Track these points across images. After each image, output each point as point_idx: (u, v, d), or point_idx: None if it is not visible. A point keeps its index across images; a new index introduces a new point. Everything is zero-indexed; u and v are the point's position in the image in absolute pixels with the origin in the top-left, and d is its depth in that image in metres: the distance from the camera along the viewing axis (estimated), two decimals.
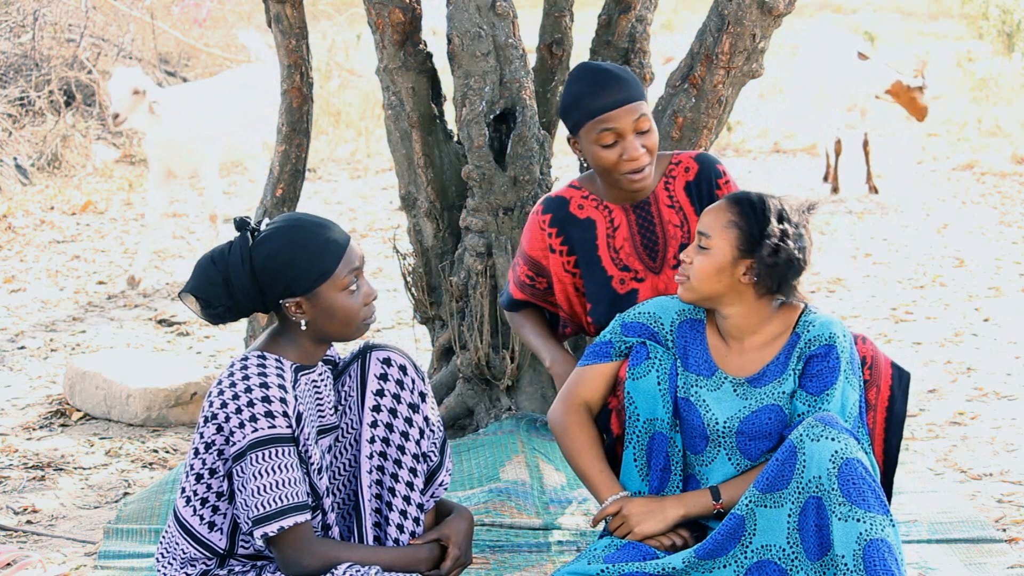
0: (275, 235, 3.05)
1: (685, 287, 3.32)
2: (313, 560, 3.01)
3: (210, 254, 3.08)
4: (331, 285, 3.05)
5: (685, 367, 3.36)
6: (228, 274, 3.04)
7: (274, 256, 3.03)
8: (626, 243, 3.73)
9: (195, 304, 3.08)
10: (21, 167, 10.31)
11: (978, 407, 5.35)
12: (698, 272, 3.29)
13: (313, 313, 3.06)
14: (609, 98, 3.59)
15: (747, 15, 4.55)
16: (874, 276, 7.63)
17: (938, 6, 20.62)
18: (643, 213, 3.74)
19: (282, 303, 3.05)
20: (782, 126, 12.49)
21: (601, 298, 3.74)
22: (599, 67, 3.64)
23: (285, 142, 5.30)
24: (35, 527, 4.31)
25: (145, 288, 7.65)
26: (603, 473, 3.37)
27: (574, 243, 3.75)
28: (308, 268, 3.03)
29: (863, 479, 3.09)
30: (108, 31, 12.26)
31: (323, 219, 3.10)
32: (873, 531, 3.06)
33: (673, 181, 3.75)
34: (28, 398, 5.73)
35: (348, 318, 3.08)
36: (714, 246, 3.27)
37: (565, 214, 3.77)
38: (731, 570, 3.16)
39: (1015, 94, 13.13)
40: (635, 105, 3.60)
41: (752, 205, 3.28)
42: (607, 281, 3.73)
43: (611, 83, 3.60)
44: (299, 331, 3.09)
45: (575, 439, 3.40)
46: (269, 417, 2.97)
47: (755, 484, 3.16)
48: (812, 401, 3.26)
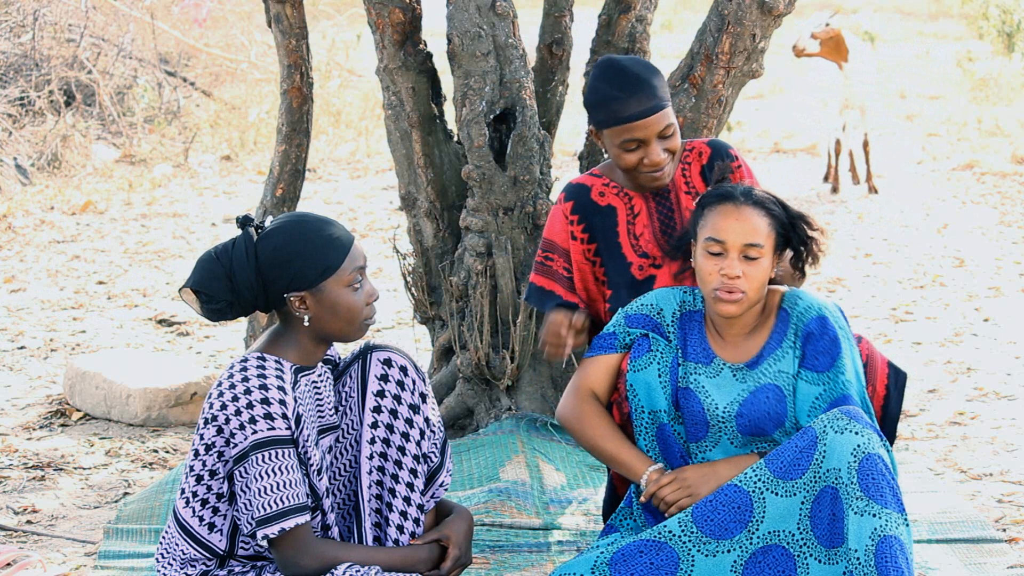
0: (281, 230, 3.06)
1: (741, 303, 3.29)
2: (312, 561, 3.01)
3: (213, 250, 3.08)
4: (336, 280, 3.06)
5: (685, 356, 3.38)
6: (232, 268, 3.04)
7: (280, 249, 3.04)
8: (646, 230, 3.76)
9: (194, 299, 3.07)
10: (21, 167, 10.31)
11: (978, 407, 5.35)
12: (755, 283, 3.29)
13: (316, 309, 3.06)
14: (637, 107, 3.60)
15: (747, 15, 4.55)
16: (874, 276, 7.63)
17: (938, 6, 20.63)
18: (663, 200, 3.77)
19: (286, 297, 3.05)
20: (782, 126, 12.50)
21: (620, 284, 3.75)
22: (627, 69, 3.64)
23: (285, 142, 5.30)
24: (35, 527, 4.32)
25: (145, 288, 7.65)
26: (632, 450, 3.38)
27: (595, 230, 3.77)
28: (314, 262, 3.04)
29: (883, 475, 3.10)
30: (108, 31, 12.26)
31: (328, 217, 3.12)
32: (888, 528, 3.06)
33: (689, 168, 3.79)
34: (28, 398, 5.73)
35: (351, 315, 3.09)
36: (765, 252, 3.30)
37: (586, 201, 3.79)
38: (735, 554, 3.16)
39: (1015, 94, 13.14)
40: (662, 115, 3.62)
41: (772, 201, 3.33)
42: (627, 268, 3.75)
43: (640, 91, 3.61)
44: (300, 330, 3.09)
45: (594, 425, 3.41)
46: (268, 419, 2.97)
47: (768, 465, 3.17)
48: (823, 379, 3.27)
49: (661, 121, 3.62)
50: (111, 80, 11.93)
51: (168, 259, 8.41)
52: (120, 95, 12.09)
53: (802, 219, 3.35)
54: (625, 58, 3.71)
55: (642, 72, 3.64)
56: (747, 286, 3.28)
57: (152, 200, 10.13)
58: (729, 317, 3.32)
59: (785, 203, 3.35)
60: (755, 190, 3.34)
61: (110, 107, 11.62)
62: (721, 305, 3.29)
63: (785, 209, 3.34)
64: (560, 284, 3.80)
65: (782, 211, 3.33)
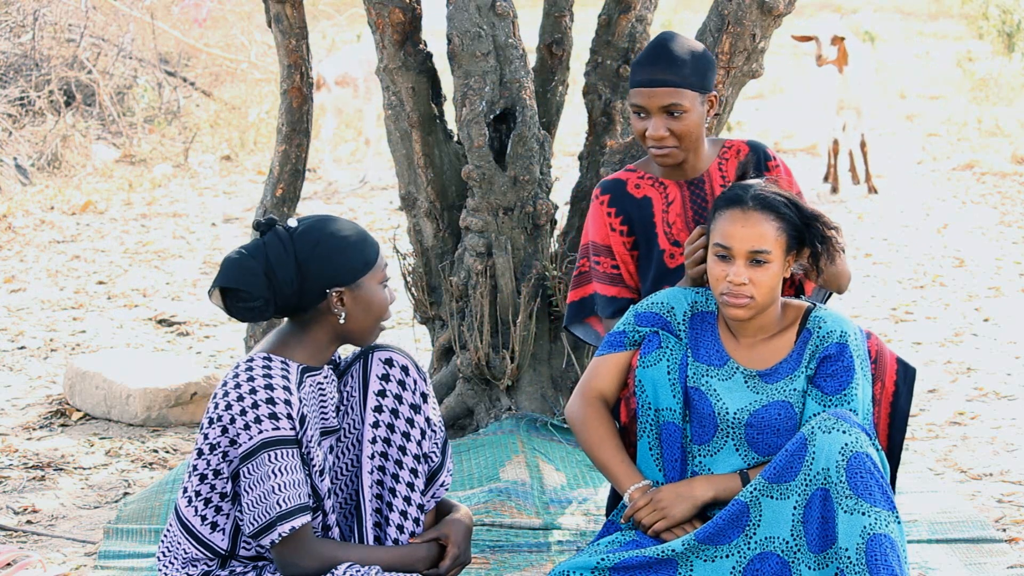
0: (315, 228, 3.08)
1: (748, 307, 3.28)
2: (312, 561, 3.01)
3: (243, 248, 3.07)
4: (372, 276, 3.09)
5: (696, 357, 3.37)
6: (270, 266, 3.03)
7: (321, 244, 3.05)
8: (678, 218, 3.77)
9: (220, 300, 3.06)
10: (21, 167, 10.31)
11: (978, 407, 5.35)
12: (763, 288, 3.27)
13: (352, 306, 3.08)
14: (648, 75, 3.64)
15: (747, 15, 4.55)
16: (874, 276, 7.63)
17: (938, 6, 20.63)
18: (696, 190, 3.78)
19: (329, 292, 3.05)
20: (782, 126, 12.50)
21: (651, 273, 3.76)
22: (667, 43, 3.67)
23: (285, 142, 5.30)
24: (35, 527, 4.32)
25: (145, 288, 7.65)
26: (623, 464, 3.37)
27: (633, 223, 3.78)
28: (354, 256, 3.07)
29: (871, 474, 3.10)
30: (108, 31, 12.26)
31: (350, 220, 3.15)
32: (877, 526, 3.06)
33: (726, 163, 3.80)
34: (28, 398, 5.73)
35: (381, 313, 3.12)
36: (773, 258, 3.28)
37: (623, 193, 3.80)
38: (734, 559, 3.16)
39: (1015, 94, 13.14)
40: (670, 91, 3.64)
41: (784, 203, 3.30)
42: (659, 256, 3.76)
43: (660, 62, 3.64)
44: (320, 329, 3.09)
45: (593, 431, 3.41)
46: (274, 419, 2.97)
47: (763, 473, 3.17)
48: (828, 401, 3.27)
49: (665, 97, 3.63)
50: (111, 80, 11.93)
51: (168, 259, 8.41)
52: (120, 95, 12.10)
53: (817, 219, 3.33)
54: (679, 36, 3.72)
55: (677, 49, 3.66)
56: (754, 291, 3.27)
57: (152, 200, 10.13)
58: (738, 320, 3.32)
59: (799, 204, 3.32)
60: (767, 192, 3.30)
61: (110, 107, 11.63)
62: (729, 309, 3.29)
63: (799, 210, 3.32)
64: (616, 284, 3.81)
65: (795, 213, 3.31)
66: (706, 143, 3.79)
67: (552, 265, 4.91)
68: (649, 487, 3.32)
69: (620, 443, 3.40)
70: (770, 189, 3.32)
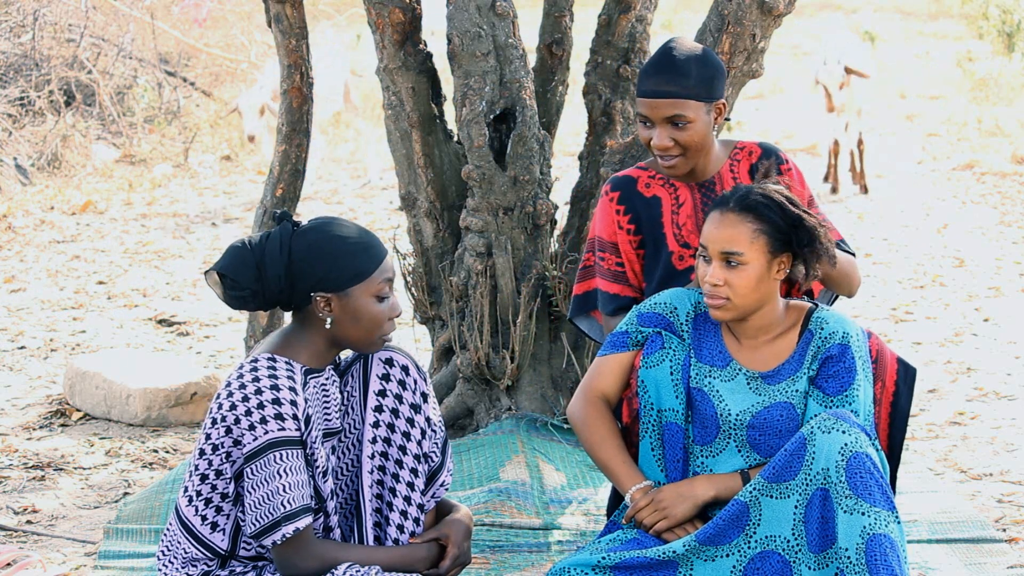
0: (317, 229, 3.07)
1: (724, 309, 3.28)
2: (313, 562, 3.01)
3: (246, 238, 3.09)
4: (365, 288, 3.06)
5: (699, 358, 3.37)
6: (263, 259, 3.04)
7: (315, 246, 3.04)
8: (689, 220, 3.76)
9: (217, 283, 3.07)
10: (21, 167, 10.31)
11: (978, 407, 5.36)
12: (740, 290, 3.26)
13: (340, 313, 3.06)
14: (652, 86, 3.64)
15: (747, 15, 4.55)
16: (874, 276, 7.63)
17: (938, 6, 20.63)
18: (707, 192, 3.77)
19: (313, 296, 3.05)
20: (782, 126, 12.50)
21: (657, 273, 3.75)
22: (673, 50, 3.65)
23: (285, 142, 5.30)
24: (35, 527, 4.32)
25: (145, 288, 7.65)
26: (625, 464, 3.37)
27: (641, 222, 3.77)
28: (346, 265, 3.04)
29: (871, 474, 3.10)
30: (108, 31, 12.26)
31: (365, 228, 3.13)
32: (877, 526, 3.06)
33: (738, 164, 3.79)
34: (28, 398, 5.73)
35: (372, 326, 3.08)
36: (748, 260, 3.26)
37: (632, 191, 3.79)
38: (734, 559, 3.16)
39: (1015, 94, 13.14)
40: (673, 102, 3.62)
41: (765, 205, 3.27)
42: (668, 257, 3.75)
43: (665, 72, 3.62)
44: (317, 332, 3.08)
45: (595, 431, 3.41)
46: (279, 419, 2.97)
47: (763, 473, 3.17)
48: (830, 402, 3.26)
49: (668, 108, 3.62)
50: (111, 80, 11.93)
51: (168, 259, 8.41)
52: (120, 95, 12.09)
53: (802, 222, 3.31)
54: (687, 41, 3.70)
55: (682, 58, 3.63)
56: (730, 293, 3.26)
57: (152, 200, 10.13)
58: (720, 321, 3.32)
59: (785, 206, 3.29)
60: (754, 194, 3.28)
61: (110, 107, 11.63)
62: (709, 310, 3.30)
63: (783, 212, 3.29)
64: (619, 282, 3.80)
65: (779, 215, 3.28)
66: (716, 144, 3.77)
67: (552, 265, 4.91)
68: (650, 487, 3.32)
69: (622, 443, 3.40)
70: (763, 192, 3.29)
